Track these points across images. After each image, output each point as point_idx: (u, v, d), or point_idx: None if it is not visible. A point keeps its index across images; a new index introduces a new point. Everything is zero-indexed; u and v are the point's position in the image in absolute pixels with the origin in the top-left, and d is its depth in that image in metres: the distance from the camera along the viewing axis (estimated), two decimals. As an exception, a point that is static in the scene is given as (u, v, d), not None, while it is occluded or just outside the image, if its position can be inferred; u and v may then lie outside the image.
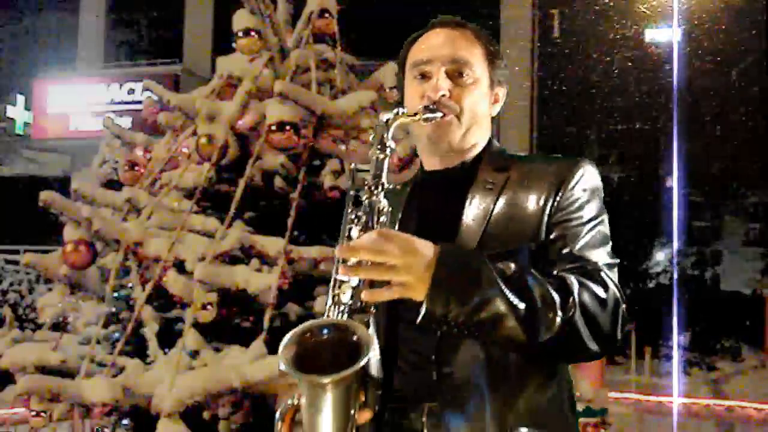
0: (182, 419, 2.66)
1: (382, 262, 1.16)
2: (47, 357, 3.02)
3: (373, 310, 1.23)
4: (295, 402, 1.23)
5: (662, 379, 10.52)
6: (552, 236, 1.33)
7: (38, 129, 15.65)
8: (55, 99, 15.41)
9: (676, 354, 11.56)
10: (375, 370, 1.38)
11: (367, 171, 1.31)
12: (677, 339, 11.70)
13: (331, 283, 1.26)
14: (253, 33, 3.44)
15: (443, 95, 1.40)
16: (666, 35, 15.71)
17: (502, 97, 1.53)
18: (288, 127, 3.16)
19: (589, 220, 1.35)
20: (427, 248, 1.20)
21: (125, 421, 3.05)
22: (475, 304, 1.18)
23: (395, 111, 1.34)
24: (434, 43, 1.45)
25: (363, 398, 1.21)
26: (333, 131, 3.61)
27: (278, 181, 3.47)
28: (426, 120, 1.37)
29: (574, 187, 1.36)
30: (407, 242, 1.19)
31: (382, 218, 1.27)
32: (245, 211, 3.34)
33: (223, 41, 4.21)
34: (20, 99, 16.03)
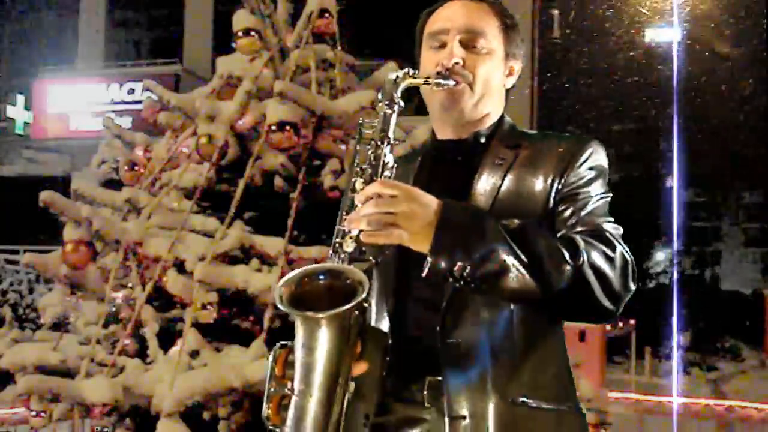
0: (182, 419, 2.66)
1: (383, 211, 1.18)
2: (47, 357, 3.02)
3: (373, 260, 1.25)
4: (289, 344, 1.23)
5: (662, 379, 10.53)
6: (559, 209, 1.35)
7: (38, 129, 15.67)
8: (55, 99, 15.43)
9: (676, 354, 11.57)
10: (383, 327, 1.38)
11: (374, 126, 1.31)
12: (677, 339, 11.70)
13: (335, 233, 1.28)
14: (253, 33, 3.43)
15: (456, 63, 1.41)
16: (666, 35, 15.72)
17: (518, 71, 1.54)
18: (288, 127, 3.16)
19: (595, 196, 1.36)
20: (429, 200, 1.22)
21: (125, 421, 3.04)
22: (480, 255, 1.19)
23: (405, 70, 1.34)
24: (450, 14, 1.47)
25: (359, 349, 1.21)
26: (333, 131, 3.61)
27: (278, 181, 3.47)
28: (437, 85, 1.38)
29: (581, 164, 1.38)
30: (409, 191, 1.21)
31: (386, 173, 1.28)
32: (245, 211, 3.34)
33: (223, 41, 4.21)
34: (20, 99, 16.04)
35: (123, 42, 17.36)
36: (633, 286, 1.30)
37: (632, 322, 10.94)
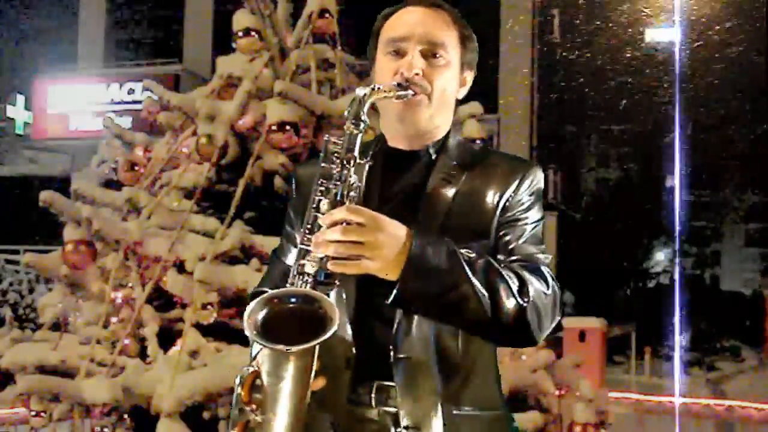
0: (182, 419, 2.66)
1: (351, 240, 1.21)
2: (47, 357, 3.02)
3: (337, 282, 1.27)
4: (256, 368, 1.24)
5: (662, 379, 10.53)
6: (501, 232, 1.42)
7: (38, 129, 15.67)
8: (55, 99, 15.42)
9: (677, 354, 11.57)
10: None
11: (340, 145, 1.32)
12: (678, 339, 11.70)
13: (297, 253, 1.29)
14: (253, 33, 3.44)
15: (416, 74, 1.42)
16: (666, 35, 15.72)
17: (469, 81, 1.56)
18: (288, 127, 3.17)
19: (532, 222, 1.45)
20: (397, 228, 1.26)
21: (125, 421, 3.04)
22: (445, 287, 1.26)
23: (372, 87, 1.35)
24: (410, 21, 1.47)
25: (318, 366, 1.24)
26: (333, 131, 3.61)
27: (278, 181, 3.47)
28: (398, 98, 1.39)
29: (524, 190, 1.44)
30: (377, 220, 1.24)
31: (352, 193, 1.30)
32: (245, 211, 3.34)
33: (223, 41, 4.21)
34: (20, 99, 16.04)
35: (123, 42, 17.36)
36: (558, 319, 1.39)
37: (632, 322, 10.95)
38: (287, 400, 1.20)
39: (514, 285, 1.31)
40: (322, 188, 1.30)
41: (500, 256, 1.40)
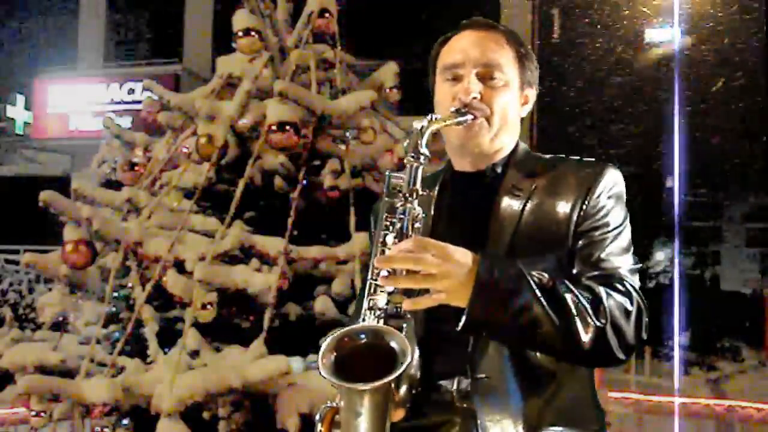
0: (182, 419, 2.66)
1: (419, 271, 1.20)
2: (47, 357, 3.02)
3: (408, 316, 1.25)
4: (335, 404, 1.26)
5: (662, 379, 10.52)
6: (579, 244, 1.37)
7: (38, 129, 15.66)
8: (55, 99, 15.41)
9: (677, 354, 11.56)
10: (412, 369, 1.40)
11: (401, 178, 1.32)
12: (679, 339, 11.70)
13: (366, 288, 1.28)
14: (253, 33, 3.43)
15: (474, 98, 1.42)
16: (666, 35, 15.72)
17: (532, 99, 1.56)
18: (288, 127, 3.16)
19: (614, 228, 1.39)
20: (464, 256, 1.24)
21: (125, 421, 3.04)
22: (514, 311, 1.23)
23: (429, 117, 1.35)
24: (465, 45, 1.46)
25: (396, 398, 1.24)
26: (333, 131, 3.61)
27: (278, 181, 3.47)
28: (458, 124, 1.39)
29: (600, 195, 1.39)
30: (444, 250, 1.22)
31: (417, 225, 1.29)
32: (245, 211, 3.34)
33: (223, 41, 4.20)
34: (20, 99, 16.03)
35: (123, 42, 17.35)
36: (645, 336, 1.34)
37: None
38: None
39: (589, 305, 1.27)
40: (387, 222, 1.31)
41: (581, 270, 1.35)
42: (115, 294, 3.24)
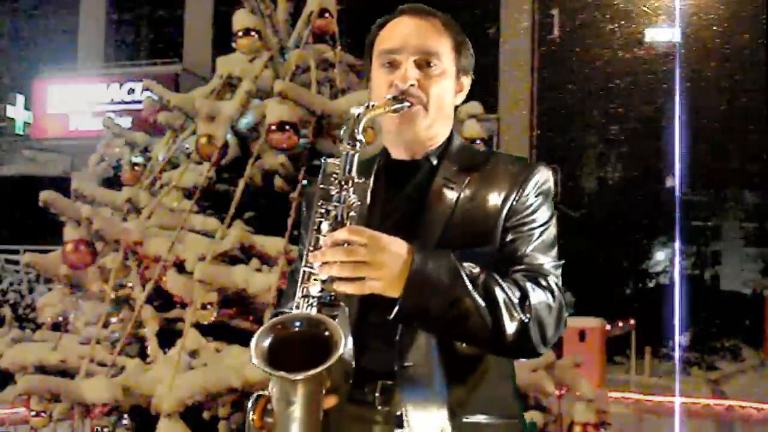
0: (182, 419, 2.66)
1: (354, 260, 1.22)
2: (47, 357, 3.02)
3: (342, 304, 1.28)
4: (267, 393, 1.26)
5: (662, 379, 10.52)
6: (507, 238, 1.40)
7: (38, 129, 15.66)
8: (55, 99, 15.41)
9: (678, 354, 11.57)
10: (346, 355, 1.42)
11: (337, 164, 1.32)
12: (679, 339, 11.70)
13: (300, 275, 1.30)
14: (253, 33, 3.43)
15: (412, 85, 1.42)
16: (666, 35, 15.72)
17: (467, 86, 1.56)
18: (288, 127, 3.16)
19: (541, 225, 1.42)
20: (399, 246, 1.27)
21: (125, 421, 3.04)
22: (446, 303, 1.26)
23: (366, 104, 1.36)
24: (403, 32, 1.47)
25: (329, 385, 1.25)
26: (333, 131, 3.61)
27: (278, 181, 3.47)
28: (394, 111, 1.39)
29: (529, 192, 1.42)
30: (378, 240, 1.25)
31: (351, 213, 1.30)
32: (245, 211, 3.34)
33: (223, 41, 4.20)
34: (20, 99, 16.03)
35: (123, 42, 17.35)
36: (562, 331, 1.38)
37: (632, 322, 10.94)
38: (298, 425, 1.20)
39: (516, 299, 1.30)
40: (323, 210, 1.31)
41: (507, 264, 1.38)
42: (115, 294, 3.24)
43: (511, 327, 1.29)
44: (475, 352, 1.38)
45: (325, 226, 1.29)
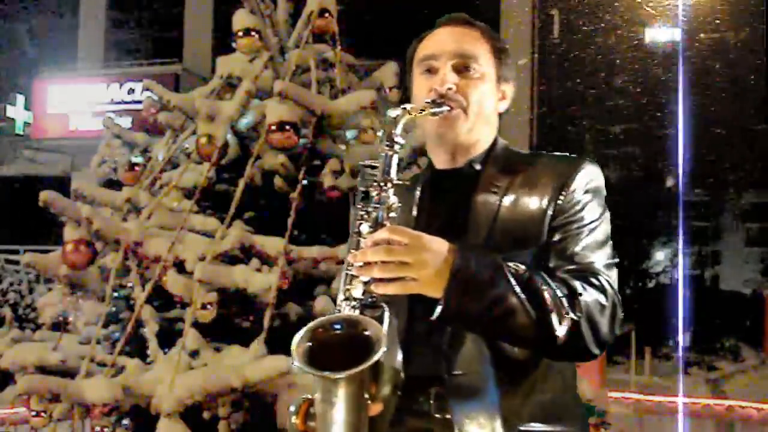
0: (182, 419, 2.66)
1: (395, 260, 1.19)
2: (47, 357, 3.02)
3: (384, 306, 1.25)
4: (309, 396, 1.25)
5: (662, 379, 10.53)
6: (555, 238, 1.36)
7: (38, 129, 15.67)
8: (55, 99, 15.42)
9: (681, 353, 11.57)
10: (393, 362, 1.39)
11: (376, 167, 1.31)
12: (681, 339, 11.71)
13: (343, 278, 1.28)
14: (253, 33, 3.43)
15: (450, 88, 1.42)
16: (666, 35, 15.72)
17: (510, 95, 1.55)
18: (288, 127, 3.16)
19: (590, 222, 1.37)
20: (440, 245, 1.23)
21: (125, 421, 3.04)
22: (489, 301, 1.22)
23: (403, 107, 1.34)
24: (441, 39, 1.47)
25: (374, 391, 1.23)
26: (333, 131, 3.60)
27: (278, 181, 3.46)
28: (433, 114, 1.38)
29: (576, 189, 1.38)
30: (419, 239, 1.22)
31: (392, 214, 1.28)
32: (245, 211, 3.34)
33: (223, 41, 4.21)
34: (20, 99, 16.04)
35: (123, 42, 17.35)
36: (618, 331, 1.33)
37: (632, 322, 10.95)
38: (341, 427, 1.19)
39: (565, 298, 1.26)
40: (362, 212, 1.30)
41: (556, 264, 1.34)
42: (115, 294, 3.24)
43: (560, 327, 1.24)
44: (528, 357, 1.34)
45: (365, 228, 1.28)
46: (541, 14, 15.44)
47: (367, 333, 1.19)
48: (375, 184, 1.29)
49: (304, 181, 3.24)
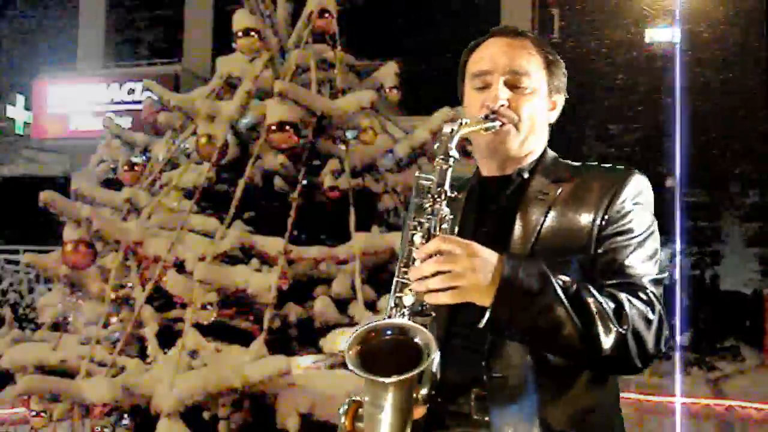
0: (182, 419, 2.66)
1: (447, 269, 1.21)
2: (47, 357, 3.02)
3: (433, 313, 1.27)
4: (358, 398, 1.27)
5: (662, 379, 10.51)
6: (602, 249, 1.37)
7: (38, 129, 15.65)
8: (55, 99, 15.41)
9: (678, 354, 11.57)
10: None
11: (431, 180, 1.34)
12: (679, 339, 11.70)
13: (393, 286, 1.30)
14: (253, 33, 3.43)
15: (502, 105, 1.43)
16: (666, 35, 15.72)
17: (560, 104, 1.57)
18: (288, 127, 3.16)
19: (638, 235, 1.38)
20: (490, 254, 1.25)
21: (125, 421, 3.04)
22: (537, 311, 1.23)
23: (459, 122, 1.37)
24: (493, 53, 1.48)
25: (418, 394, 1.25)
26: (333, 131, 3.61)
27: (278, 181, 3.47)
28: (486, 130, 1.40)
29: (624, 200, 1.39)
30: (469, 247, 1.24)
31: (444, 225, 1.30)
32: (245, 211, 3.34)
33: (223, 41, 4.20)
34: (20, 99, 16.03)
35: (123, 42, 17.35)
36: (664, 348, 1.33)
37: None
38: (387, 430, 1.21)
39: (611, 310, 1.26)
40: (416, 223, 1.32)
41: (603, 276, 1.34)
42: (115, 294, 3.24)
43: (606, 339, 1.24)
44: (571, 365, 1.34)
45: (417, 239, 1.30)
46: (541, 14, 15.43)
47: (417, 340, 1.21)
48: (429, 195, 1.32)
49: (304, 181, 3.24)
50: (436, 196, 1.31)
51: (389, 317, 1.29)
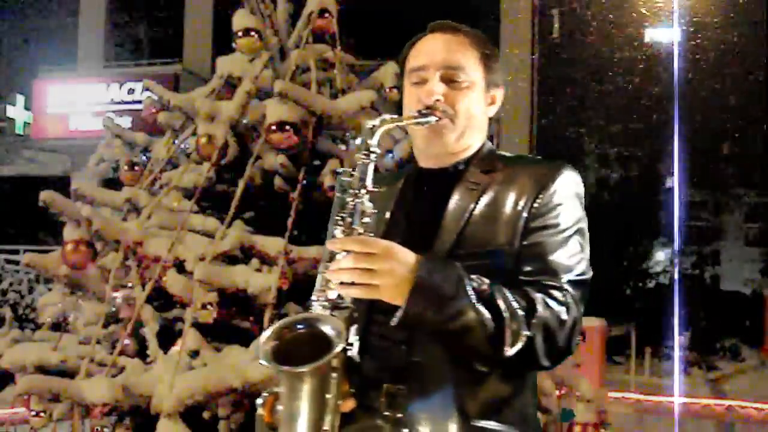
0: (182, 419, 2.66)
1: (362, 267, 1.25)
2: (47, 357, 3.02)
3: (352, 306, 1.31)
4: (276, 390, 1.30)
5: (662, 379, 10.53)
6: (526, 242, 1.38)
7: (38, 129, 15.66)
8: (55, 99, 15.41)
9: (677, 354, 11.57)
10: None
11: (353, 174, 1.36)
12: (679, 339, 11.71)
13: (317, 280, 1.36)
14: (253, 33, 3.43)
15: (437, 100, 1.45)
16: (666, 35, 15.73)
17: (500, 99, 1.57)
18: (288, 127, 3.16)
19: (565, 229, 1.39)
20: (406, 255, 1.27)
21: (125, 421, 3.04)
22: (448, 315, 1.26)
23: (381, 118, 1.39)
24: (429, 49, 1.50)
25: (346, 388, 1.28)
26: (333, 131, 3.61)
27: (278, 181, 3.47)
28: (417, 124, 1.43)
29: (553, 194, 1.39)
30: (387, 249, 1.26)
31: (365, 220, 1.33)
32: (245, 211, 3.34)
33: (223, 41, 4.21)
34: (20, 99, 16.03)
35: (123, 42, 17.35)
36: (575, 349, 1.35)
37: (632, 322, 10.95)
38: (303, 420, 1.24)
39: (523, 314, 1.28)
40: (338, 218, 1.35)
41: (525, 270, 1.36)
42: (115, 294, 3.24)
43: (512, 344, 1.27)
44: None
45: (339, 234, 1.33)
46: (541, 14, 15.44)
47: (327, 330, 1.25)
48: (351, 191, 1.34)
49: (304, 181, 3.24)
50: (357, 191, 1.34)
51: (310, 310, 1.33)
